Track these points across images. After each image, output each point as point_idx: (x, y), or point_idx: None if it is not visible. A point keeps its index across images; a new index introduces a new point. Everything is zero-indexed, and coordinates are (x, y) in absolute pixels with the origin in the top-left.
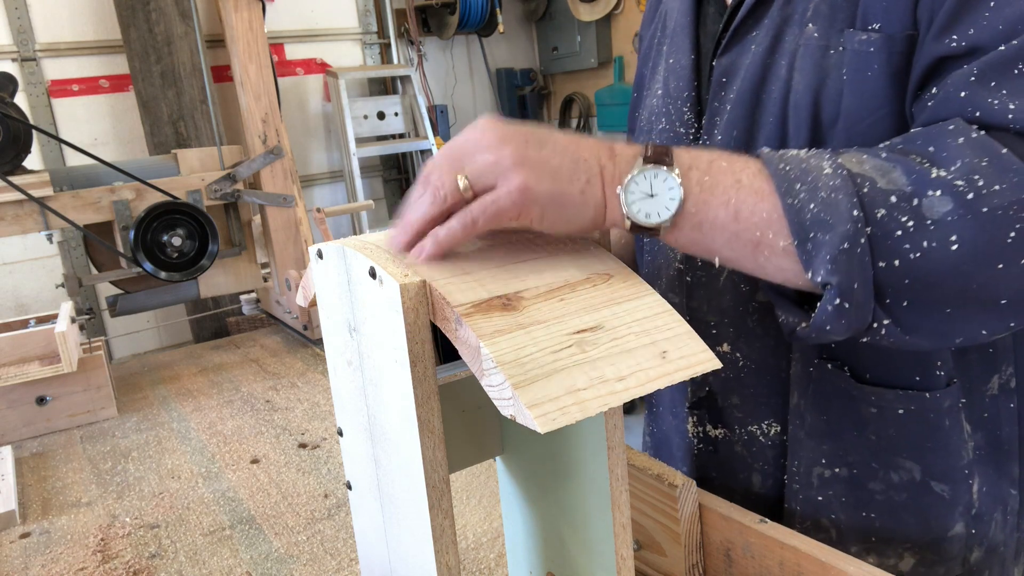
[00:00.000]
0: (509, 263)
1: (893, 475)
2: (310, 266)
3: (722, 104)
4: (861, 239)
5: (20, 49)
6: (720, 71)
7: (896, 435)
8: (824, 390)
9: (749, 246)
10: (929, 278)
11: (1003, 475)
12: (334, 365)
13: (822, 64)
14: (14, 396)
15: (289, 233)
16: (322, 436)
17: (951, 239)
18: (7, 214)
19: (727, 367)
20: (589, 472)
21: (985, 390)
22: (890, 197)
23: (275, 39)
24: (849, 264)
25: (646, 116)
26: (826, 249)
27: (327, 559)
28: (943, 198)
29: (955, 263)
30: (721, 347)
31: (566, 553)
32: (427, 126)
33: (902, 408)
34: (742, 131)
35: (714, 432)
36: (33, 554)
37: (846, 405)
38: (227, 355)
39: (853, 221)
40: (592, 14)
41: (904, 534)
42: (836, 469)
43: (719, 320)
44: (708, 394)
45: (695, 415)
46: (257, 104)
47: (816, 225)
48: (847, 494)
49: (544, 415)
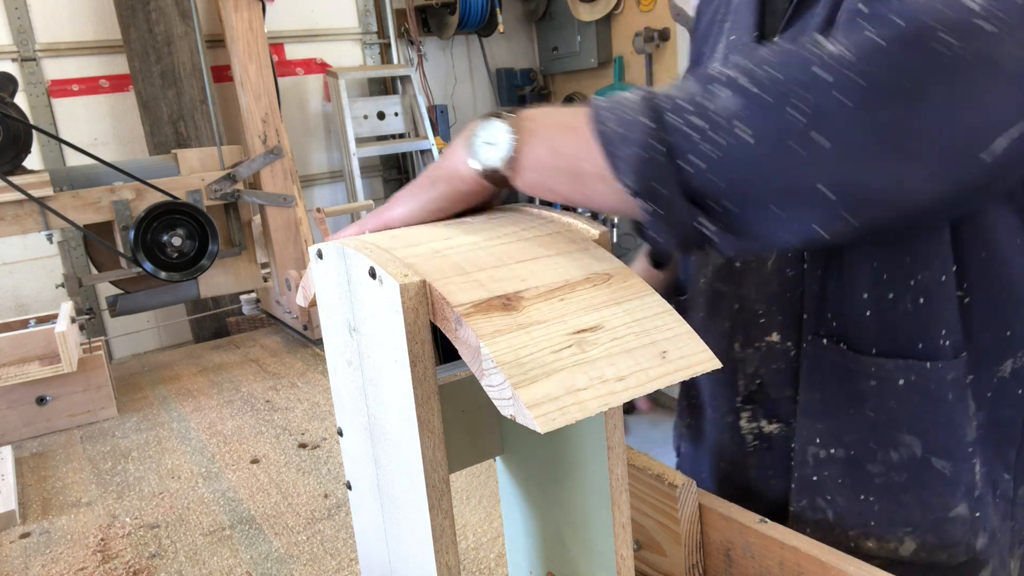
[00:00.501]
0: (509, 263)
1: (892, 454)
2: (310, 266)
3: None
4: (658, 146)
5: (20, 49)
6: None
7: (896, 408)
8: (819, 366)
9: (573, 179)
10: (737, 174)
11: (999, 457)
12: (334, 365)
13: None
14: (14, 396)
15: (289, 233)
16: (322, 436)
17: (744, 132)
18: (7, 214)
19: (778, 356)
20: (589, 472)
21: (996, 371)
22: (683, 104)
23: (275, 39)
24: (652, 171)
25: None
26: (628, 162)
27: (327, 559)
28: (728, 94)
29: (755, 154)
30: (771, 336)
31: (566, 553)
32: (427, 126)
33: (903, 379)
34: None
35: (769, 428)
36: (33, 554)
37: (843, 381)
38: (227, 355)
39: (646, 131)
40: (592, 14)
41: (904, 517)
42: (832, 450)
43: (767, 308)
44: (759, 387)
45: (748, 410)
46: (257, 104)
47: (618, 142)
48: (844, 476)
49: (544, 415)
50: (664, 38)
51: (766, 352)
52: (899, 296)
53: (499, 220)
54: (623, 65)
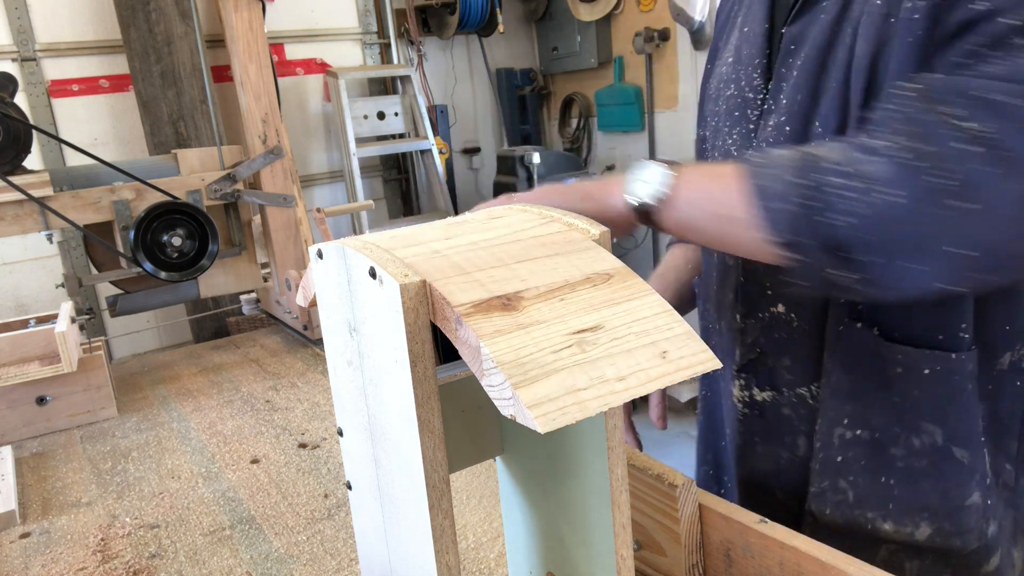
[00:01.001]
0: (509, 263)
1: (915, 440)
2: (310, 266)
3: (788, 70)
4: (810, 204)
5: (20, 49)
6: (789, 39)
7: (920, 396)
8: (852, 349)
9: (721, 222)
10: (874, 231)
11: (1000, 449)
12: (334, 365)
13: (882, 31)
14: (14, 396)
15: (289, 233)
16: (322, 436)
17: (887, 193)
18: (7, 214)
19: (781, 327)
20: (589, 472)
21: (995, 364)
22: (834, 166)
23: (275, 39)
24: (797, 225)
25: (715, 84)
26: (781, 215)
27: (327, 559)
28: (877, 159)
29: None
30: (777, 308)
31: (566, 553)
32: (427, 126)
33: (928, 368)
34: (806, 95)
35: (760, 396)
36: (33, 554)
37: (873, 365)
38: (227, 355)
39: (801, 188)
40: (592, 14)
41: (922, 502)
42: (858, 431)
43: (774, 280)
44: (759, 356)
45: (742, 378)
46: (257, 104)
47: (773, 197)
48: (867, 458)
49: (544, 415)
50: (664, 38)
51: (769, 322)
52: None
53: (499, 220)
54: (623, 65)
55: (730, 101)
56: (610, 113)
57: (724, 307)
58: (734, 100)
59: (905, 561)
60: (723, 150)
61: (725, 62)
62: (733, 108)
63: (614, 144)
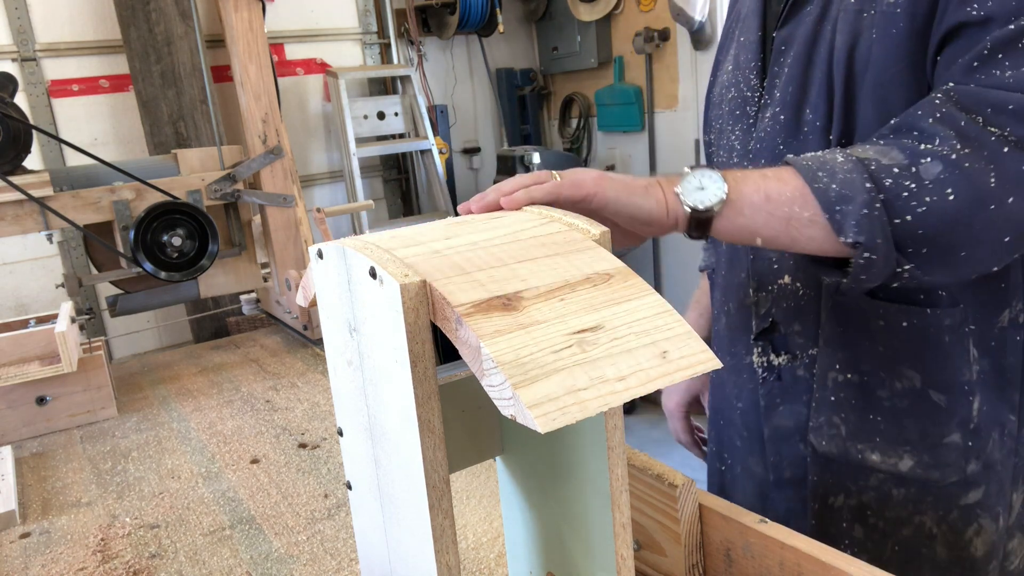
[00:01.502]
0: (509, 263)
1: (897, 383)
2: (310, 266)
3: (780, 68)
4: (876, 204)
5: (20, 49)
6: (779, 41)
7: (900, 346)
8: (843, 306)
9: (782, 223)
10: (938, 226)
11: (1004, 400)
12: (334, 365)
13: (856, 25)
14: (14, 396)
15: (289, 233)
16: (322, 436)
17: (947, 192)
18: (7, 214)
19: (789, 296)
20: (589, 472)
21: (995, 322)
22: (892, 169)
23: (275, 39)
24: (871, 225)
25: (718, 91)
26: (852, 217)
27: (327, 559)
28: (934, 162)
29: (955, 211)
30: (783, 279)
31: (566, 553)
32: (427, 126)
33: (905, 321)
34: (797, 88)
35: (777, 360)
36: (33, 554)
37: (859, 319)
38: (227, 355)
39: (867, 192)
40: (592, 14)
41: (904, 437)
42: (848, 375)
43: (780, 255)
44: (772, 325)
45: (759, 346)
46: (257, 104)
47: (841, 200)
48: (856, 398)
49: (544, 415)
50: (664, 38)
51: (778, 294)
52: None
53: (499, 220)
54: (623, 65)
55: (732, 103)
56: (610, 113)
57: (735, 287)
58: (735, 101)
59: (892, 489)
60: (727, 147)
61: (725, 70)
62: (735, 108)
63: (614, 144)
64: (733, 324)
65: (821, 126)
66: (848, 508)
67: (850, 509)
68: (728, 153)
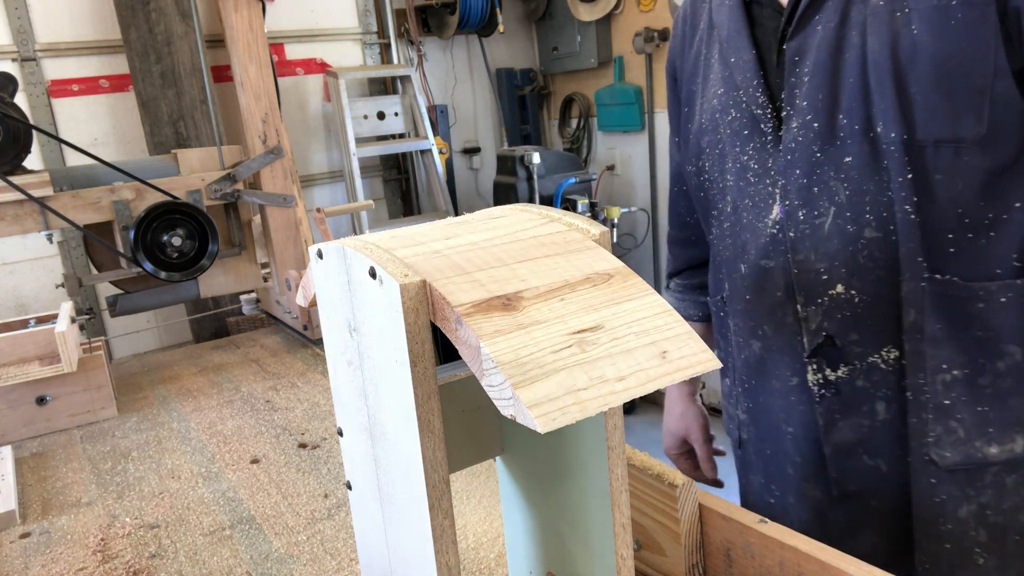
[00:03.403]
0: (509, 263)
1: (999, 363)
2: (310, 266)
3: (799, 79)
4: None
5: (20, 49)
6: (791, 53)
7: (999, 324)
8: (939, 299)
9: None
10: None
11: None
12: (334, 365)
13: (891, 25)
14: (14, 396)
15: (289, 233)
16: (322, 436)
17: None
18: (7, 214)
19: (843, 306)
20: (589, 472)
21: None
22: None
23: (275, 39)
24: None
25: (708, 118)
26: None
27: (327, 559)
28: None
29: None
30: (835, 289)
31: (566, 553)
32: (427, 126)
33: (1004, 296)
34: (827, 94)
35: (834, 375)
36: (33, 554)
37: (957, 308)
38: (227, 355)
39: None
40: (592, 14)
41: (1015, 417)
42: (955, 371)
43: (829, 265)
44: (826, 339)
45: (813, 363)
46: (257, 104)
47: None
48: (966, 392)
49: (544, 415)
50: (664, 38)
51: (830, 305)
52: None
53: (499, 220)
54: (623, 65)
55: (733, 124)
56: (610, 113)
57: (768, 309)
58: (739, 121)
59: (1005, 477)
60: (736, 170)
61: (713, 95)
62: (740, 128)
63: (614, 144)
64: (771, 347)
65: (860, 129)
66: (972, 514)
67: (974, 514)
68: (737, 175)
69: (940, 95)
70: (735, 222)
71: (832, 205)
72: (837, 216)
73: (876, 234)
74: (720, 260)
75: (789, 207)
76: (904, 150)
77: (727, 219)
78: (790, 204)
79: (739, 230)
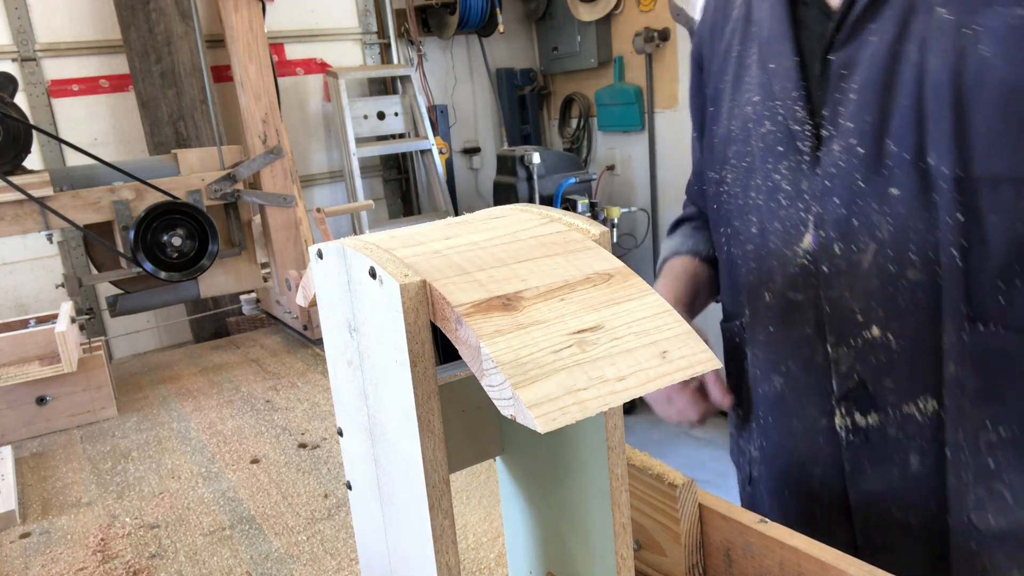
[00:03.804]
0: (509, 263)
1: None
2: (310, 266)
3: (844, 96)
4: None
5: (20, 49)
6: (838, 65)
7: None
8: (981, 352)
9: None
10: None
11: None
12: (334, 365)
13: (957, 42)
14: (14, 396)
15: (289, 233)
16: (322, 436)
17: None
18: (7, 214)
19: (878, 350)
20: (589, 472)
21: None
22: None
23: (275, 39)
24: None
25: (739, 126)
26: None
27: (327, 559)
28: None
29: None
30: (870, 332)
31: (566, 553)
32: (427, 126)
33: None
34: (876, 117)
35: (864, 421)
36: (33, 554)
37: (1003, 362)
38: (227, 355)
39: None
40: (592, 14)
41: None
42: (1001, 431)
43: (866, 305)
44: (857, 383)
45: (842, 407)
46: (257, 104)
47: None
48: (1014, 455)
49: (544, 415)
50: (664, 38)
51: (863, 348)
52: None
53: (499, 220)
54: (623, 65)
55: (767, 138)
56: (610, 113)
57: (795, 344)
58: (773, 136)
59: None
60: (766, 188)
61: (747, 102)
62: (774, 143)
63: (614, 144)
64: (797, 385)
65: (909, 159)
66: None
67: None
68: (767, 195)
69: (1006, 127)
70: (760, 245)
71: (872, 241)
72: (878, 253)
73: (920, 276)
74: (739, 283)
75: (824, 238)
76: (957, 186)
77: (750, 241)
78: (825, 235)
79: (765, 255)
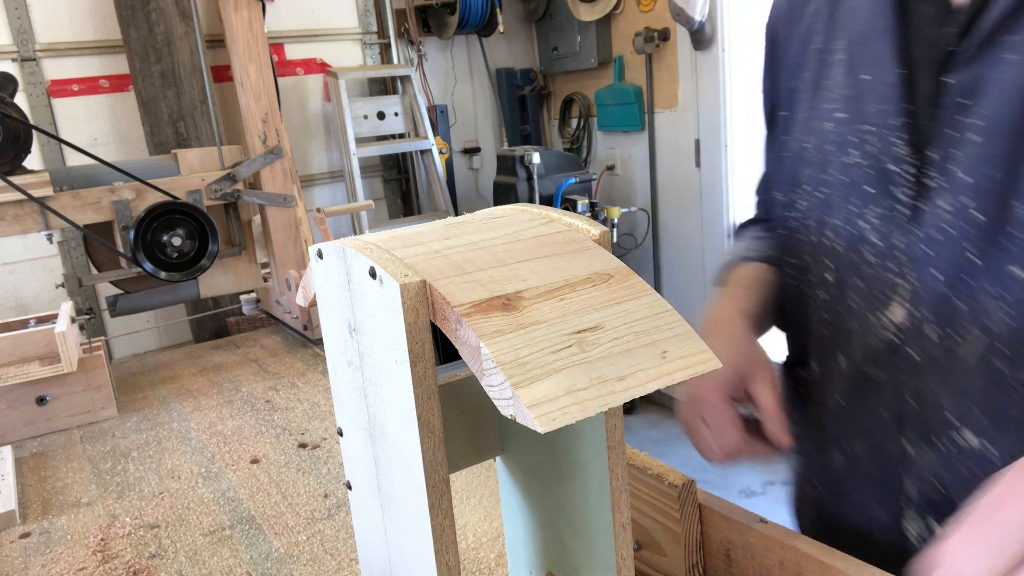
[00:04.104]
0: (509, 263)
1: None
2: (310, 266)
3: (962, 134)
4: None
5: (20, 49)
6: (959, 89)
7: None
8: None
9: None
10: None
11: None
12: (334, 365)
13: None
14: (14, 396)
15: (289, 233)
16: (322, 436)
17: None
18: (7, 214)
19: (970, 459)
20: (589, 472)
21: None
22: None
23: (275, 39)
24: None
25: (815, 146)
26: None
27: (327, 559)
28: None
29: None
30: (963, 438)
31: (566, 553)
32: (427, 126)
33: None
34: (1004, 170)
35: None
36: (33, 554)
37: None
38: (227, 355)
39: None
40: (592, 14)
41: None
42: None
43: (963, 406)
44: (939, 491)
45: (913, 509)
46: (257, 104)
47: None
48: None
49: (544, 415)
50: (664, 38)
51: (950, 453)
52: None
53: (499, 220)
54: (623, 65)
55: (853, 172)
56: (610, 113)
57: (866, 426)
58: (861, 171)
59: None
60: (848, 235)
61: (830, 116)
62: (861, 180)
63: (614, 144)
64: (859, 473)
65: None
66: None
67: None
68: (848, 242)
69: None
70: (838, 299)
71: (982, 332)
72: (989, 349)
73: None
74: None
75: (918, 317)
76: None
77: (824, 288)
78: (920, 314)
79: (843, 312)
